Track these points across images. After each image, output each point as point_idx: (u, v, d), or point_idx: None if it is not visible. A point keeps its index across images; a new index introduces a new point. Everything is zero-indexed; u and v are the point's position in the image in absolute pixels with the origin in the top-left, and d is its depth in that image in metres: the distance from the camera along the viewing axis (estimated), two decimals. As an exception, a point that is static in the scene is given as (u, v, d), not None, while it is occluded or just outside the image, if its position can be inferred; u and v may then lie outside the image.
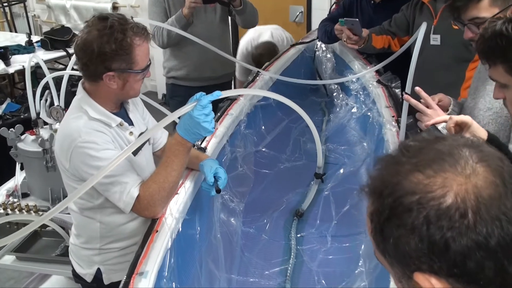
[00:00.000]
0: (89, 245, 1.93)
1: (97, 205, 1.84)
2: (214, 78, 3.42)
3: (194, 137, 1.74)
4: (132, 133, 1.86)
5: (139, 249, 1.66)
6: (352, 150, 2.86)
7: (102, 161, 1.69)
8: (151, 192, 1.74)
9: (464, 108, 2.02)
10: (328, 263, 2.10)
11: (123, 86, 1.75)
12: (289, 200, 2.49)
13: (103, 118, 1.78)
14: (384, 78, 2.82)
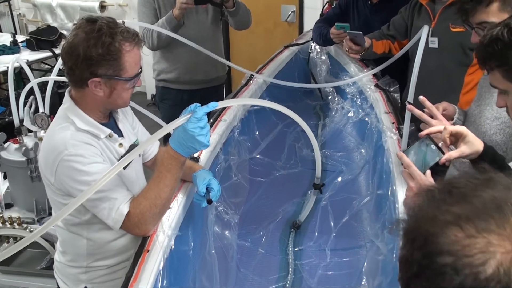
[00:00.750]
0: (75, 263, 1.82)
1: (85, 221, 1.73)
2: (206, 81, 3.31)
3: (188, 151, 1.63)
4: (121, 145, 1.76)
5: (129, 271, 1.55)
6: (349, 156, 2.77)
7: (90, 176, 1.59)
8: (142, 209, 1.64)
9: (468, 116, 1.94)
10: (328, 279, 2.00)
11: (110, 94, 1.64)
12: (286, 211, 2.40)
13: (91, 129, 1.67)
14: (382, 82, 2.74)
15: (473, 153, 1.50)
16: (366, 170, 2.57)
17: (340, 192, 2.47)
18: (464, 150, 1.50)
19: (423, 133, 1.56)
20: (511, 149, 1.70)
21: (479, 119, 1.82)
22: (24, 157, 2.32)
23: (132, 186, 1.78)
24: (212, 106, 1.62)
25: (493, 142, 1.74)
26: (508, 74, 1.26)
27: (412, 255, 0.64)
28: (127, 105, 1.76)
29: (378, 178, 2.33)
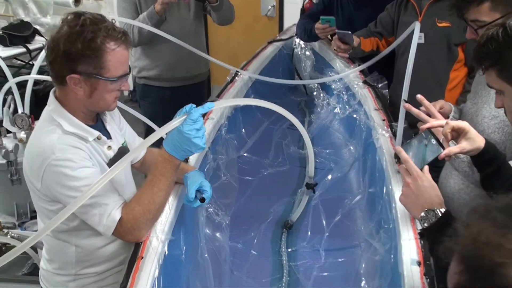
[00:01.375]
0: (63, 271, 1.75)
1: (73, 228, 1.65)
2: (188, 78, 3.24)
3: (183, 154, 1.57)
4: (110, 148, 1.69)
5: (123, 281, 1.49)
6: (338, 153, 2.74)
7: (79, 181, 1.52)
8: (135, 214, 1.57)
9: (464, 114, 1.92)
10: (324, 281, 1.97)
11: (91, 93, 1.56)
12: (276, 211, 2.35)
13: (79, 132, 1.59)
14: (370, 78, 2.71)
15: (474, 149, 1.49)
16: (356, 168, 2.54)
17: (330, 190, 2.44)
18: (465, 146, 1.48)
19: (424, 126, 1.54)
20: (509, 148, 1.69)
21: (476, 117, 1.80)
22: (4, 160, 2.22)
23: (123, 190, 1.71)
24: (208, 107, 1.56)
25: (491, 140, 1.71)
26: (503, 74, 1.25)
27: (473, 285, 0.60)
28: (111, 108, 1.67)
29: (369, 176, 2.30)
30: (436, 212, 1.30)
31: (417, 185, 1.35)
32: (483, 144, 1.49)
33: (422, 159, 1.45)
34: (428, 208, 1.31)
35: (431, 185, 1.35)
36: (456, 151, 1.48)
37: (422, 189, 1.34)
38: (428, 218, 1.31)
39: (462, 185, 1.82)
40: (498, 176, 1.50)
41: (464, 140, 1.48)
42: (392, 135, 2.19)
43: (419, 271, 1.48)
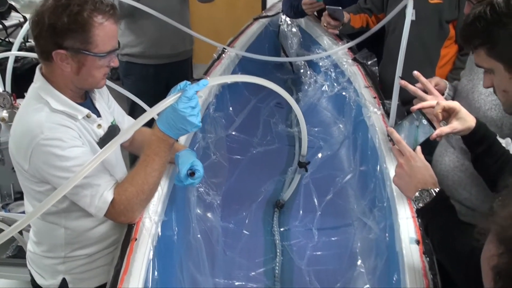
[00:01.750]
0: (52, 253, 1.69)
1: (62, 209, 1.60)
2: (173, 55, 3.17)
3: (178, 133, 1.52)
4: (100, 126, 1.62)
5: (118, 263, 1.45)
6: (327, 132, 2.71)
7: (69, 161, 1.46)
8: (128, 195, 1.52)
9: (459, 91, 1.90)
10: (318, 260, 1.95)
11: (78, 70, 1.49)
12: (267, 190, 2.33)
13: (67, 110, 1.52)
14: (360, 55, 2.67)
15: (465, 129, 1.48)
16: (346, 146, 2.52)
17: (321, 169, 2.41)
18: (456, 126, 1.47)
19: (415, 107, 1.51)
20: (506, 125, 1.67)
21: (472, 94, 1.78)
22: (-15, 140, 2.14)
23: (113, 169, 1.65)
24: (203, 85, 1.50)
25: (487, 117, 1.71)
26: (492, 52, 1.23)
27: None
28: (100, 85, 1.61)
29: (360, 154, 2.28)
30: (430, 192, 1.29)
31: (410, 166, 1.33)
32: (474, 124, 1.48)
33: (414, 140, 1.43)
34: (422, 188, 1.30)
35: (424, 165, 1.33)
36: (448, 131, 1.46)
37: (416, 169, 1.32)
38: (422, 198, 1.29)
39: (457, 162, 1.81)
40: (489, 155, 1.49)
41: (455, 120, 1.47)
42: (384, 113, 2.16)
43: (418, 249, 1.47)
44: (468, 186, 1.79)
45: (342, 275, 1.82)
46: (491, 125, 1.70)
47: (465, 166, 1.78)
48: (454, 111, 1.48)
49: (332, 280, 1.84)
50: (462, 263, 1.17)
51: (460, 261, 1.19)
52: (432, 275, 1.38)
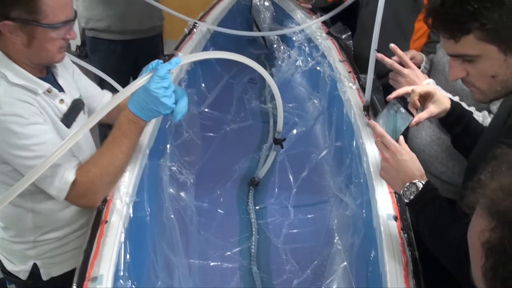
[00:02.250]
0: (21, 238, 1.63)
1: (27, 191, 1.51)
2: (141, 31, 3.06)
3: (150, 115, 1.44)
4: (63, 101, 1.54)
5: (87, 247, 1.39)
6: (301, 107, 2.67)
7: (29, 139, 1.38)
8: (91, 177, 1.45)
9: (435, 64, 1.88)
10: (295, 238, 1.92)
11: (29, 43, 1.39)
12: (242, 167, 2.28)
13: (26, 84, 1.43)
14: (334, 29, 2.62)
15: (441, 111, 1.46)
16: (321, 122, 2.49)
17: (296, 145, 2.37)
18: (433, 110, 1.45)
19: (391, 96, 1.48)
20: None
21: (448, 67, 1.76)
22: None
23: (80, 150, 1.58)
24: (175, 63, 1.42)
25: (464, 90, 1.69)
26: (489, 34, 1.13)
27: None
28: (57, 59, 1.51)
29: (335, 129, 2.25)
30: (417, 185, 1.26)
31: (397, 160, 1.29)
32: (449, 105, 1.47)
33: (393, 129, 1.39)
34: (409, 181, 1.27)
35: (410, 158, 1.30)
36: (426, 116, 1.45)
37: (402, 163, 1.29)
38: (410, 192, 1.26)
39: (433, 136, 1.80)
40: (467, 134, 1.49)
41: (431, 103, 1.46)
42: (360, 87, 2.13)
43: (396, 226, 1.45)
44: (444, 160, 1.79)
45: (319, 253, 1.80)
46: (468, 98, 1.69)
47: (442, 140, 1.76)
48: (430, 94, 1.46)
49: (309, 258, 1.82)
50: (454, 250, 1.15)
51: (451, 248, 1.17)
52: (410, 251, 1.36)
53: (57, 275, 1.68)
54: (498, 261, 0.57)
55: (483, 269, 0.60)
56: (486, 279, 0.60)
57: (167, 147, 2.05)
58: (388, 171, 1.31)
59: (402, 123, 1.39)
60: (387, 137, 1.32)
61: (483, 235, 0.60)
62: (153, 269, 1.64)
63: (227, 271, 1.79)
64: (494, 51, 1.15)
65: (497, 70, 1.16)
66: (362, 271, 1.55)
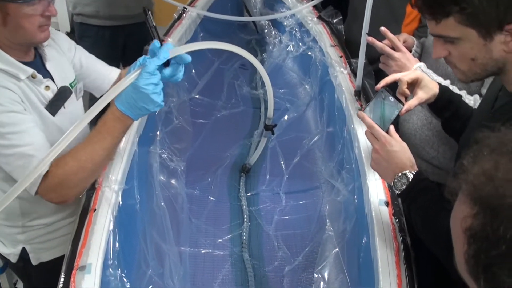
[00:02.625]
0: (10, 222, 1.60)
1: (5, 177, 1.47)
2: (129, 17, 3.01)
3: (138, 113, 1.36)
4: (48, 88, 1.49)
5: (75, 236, 1.37)
6: (293, 93, 2.65)
7: (5, 127, 1.32)
8: (66, 170, 1.37)
9: (426, 47, 1.86)
10: (286, 224, 1.91)
11: (4, 21, 1.34)
12: (233, 154, 2.26)
13: (7, 68, 1.38)
14: (325, 13, 2.60)
15: (430, 97, 1.44)
16: (312, 107, 2.47)
17: (288, 131, 2.35)
18: (422, 96, 1.43)
19: (379, 86, 1.44)
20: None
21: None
22: None
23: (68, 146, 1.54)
24: (164, 57, 1.32)
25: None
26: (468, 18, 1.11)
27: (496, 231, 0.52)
28: (38, 38, 1.43)
29: (327, 115, 2.24)
30: (408, 176, 1.24)
31: (387, 151, 1.27)
32: (438, 89, 1.45)
33: (381, 118, 1.37)
34: (400, 172, 1.25)
35: (401, 148, 1.28)
36: (415, 103, 1.42)
37: (393, 154, 1.27)
38: (401, 182, 1.25)
39: (425, 121, 1.78)
40: (457, 118, 1.47)
41: (420, 89, 1.43)
42: (351, 72, 2.11)
43: (387, 211, 1.44)
44: (435, 145, 1.77)
45: (311, 239, 1.80)
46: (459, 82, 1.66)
47: (433, 125, 1.75)
48: (418, 80, 1.43)
49: (300, 244, 1.81)
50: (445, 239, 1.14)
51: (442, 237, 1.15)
52: (402, 237, 1.35)
53: (46, 260, 1.66)
54: (481, 248, 0.56)
55: (466, 255, 0.59)
56: (469, 266, 0.60)
57: (157, 134, 2.03)
58: (379, 162, 1.30)
59: (391, 112, 1.37)
60: (376, 128, 1.30)
61: (465, 222, 0.59)
62: (143, 257, 1.63)
63: (218, 259, 1.78)
64: (474, 35, 1.13)
65: (476, 53, 1.15)
66: (353, 257, 1.54)
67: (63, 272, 1.27)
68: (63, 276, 1.25)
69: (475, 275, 0.58)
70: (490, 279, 0.56)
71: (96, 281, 1.25)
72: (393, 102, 1.37)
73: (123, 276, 1.39)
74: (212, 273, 1.74)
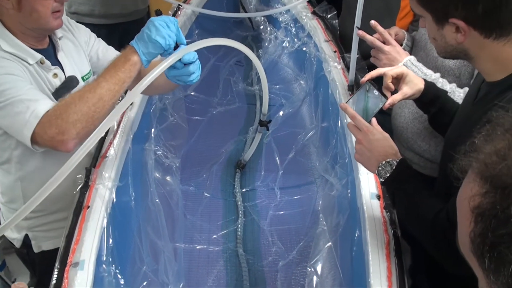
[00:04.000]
0: (13, 204, 1.62)
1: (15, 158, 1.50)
2: (124, 15, 3.02)
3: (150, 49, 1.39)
4: (56, 75, 1.50)
5: (69, 232, 1.38)
6: (288, 89, 2.66)
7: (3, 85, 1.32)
8: (66, 101, 1.33)
9: (417, 41, 1.87)
10: (281, 220, 1.92)
11: (19, 5, 1.36)
12: (228, 150, 2.27)
13: (17, 52, 1.40)
14: (319, 9, 2.60)
15: (415, 92, 1.45)
16: (307, 102, 2.48)
17: (282, 127, 2.36)
18: (407, 91, 1.44)
19: (364, 79, 1.46)
20: (464, 74, 1.66)
21: (430, 44, 1.75)
22: None
23: None
24: None
25: (445, 67, 1.68)
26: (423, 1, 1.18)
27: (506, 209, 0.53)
28: (52, 24, 1.44)
29: (322, 110, 2.24)
30: (391, 163, 1.25)
31: (369, 140, 1.28)
32: (423, 85, 1.46)
33: (364, 110, 1.38)
34: (383, 160, 1.26)
35: (383, 137, 1.29)
36: (399, 98, 1.43)
37: (375, 143, 1.27)
38: (384, 171, 1.25)
39: (416, 114, 1.79)
40: (444, 113, 1.48)
41: (404, 85, 1.44)
42: (345, 67, 2.11)
43: (379, 204, 1.44)
44: (427, 138, 1.78)
45: (305, 234, 1.81)
46: (450, 75, 1.68)
47: (424, 118, 1.76)
48: (403, 75, 1.44)
49: (295, 239, 1.82)
50: (428, 226, 1.15)
51: (426, 224, 1.17)
52: (392, 229, 1.36)
53: (47, 249, 1.68)
54: (488, 226, 0.57)
55: (471, 234, 0.59)
56: (474, 245, 0.60)
57: (151, 131, 2.04)
58: (362, 153, 1.30)
59: (374, 105, 1.37)
60: (358, 118, 1.31)
61: (473, 200, 0.59)
62: (138, 254, 1.64)
63: (213, 254, 1.79)
64: (429, 17, 1.18)
65: (435, 34, 1.20)
66: (346, 251, 1.55)
67: (56, 268, 1.28)
68: (56, 273, 1.26)
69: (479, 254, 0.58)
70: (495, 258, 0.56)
71: (89, 277, 1.26)
72: (377, 96, 1.38)
73: (117, 272, 1.40)
74: (207, 268, 1.75)
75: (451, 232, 1.08)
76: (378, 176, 1.28)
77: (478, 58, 1.16)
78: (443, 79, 1.61)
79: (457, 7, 1.09)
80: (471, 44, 1.13)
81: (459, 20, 1.10)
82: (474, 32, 1.11)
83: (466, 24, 1.10)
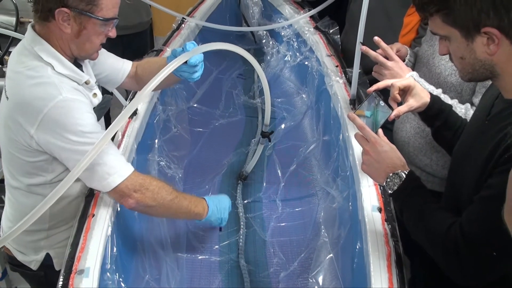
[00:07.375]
0: (35, 226, 1.56)
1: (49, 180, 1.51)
2: (128, 27, 3.07)
3: None
4: (96, 95, 1.54)
5: (74, 240, 1.40)
6: (290, 102, 2.68)
7: (86, 126, 1.38)
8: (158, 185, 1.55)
9: (420, 57, 1.89)
10: (282, 231, 1.93)
11: (79, 32, 1.40)
12: (230, 162, 2.29)
13: (71, 74, 1.43)
14: (321, 24, 2.64)
15: (421, 105, 1.47)
16: (309, 116, 2.50)
17: (284, 139, 2.39)
18: (412, 103, 1.46)
19: (371, 89, 1.48)
20: (466, 90, 1.68)
21: (432, 59, 1.78)
22: None
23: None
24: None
25: (448, 83, 1.71)
26: (448, 18, 1.16)
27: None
28: (94, 56, 1.51)
29: (323, 123, 2.27)
30: (400, 175, 1.26)
31: (377, 151, 1.30)
32: (429, 98, 1.47)
33: (373, 123, 1.40)
34: (391, 172, 1.28)
35: (390, 148, 1.30)
36: (405, 110, 1.45)
37: (383, 154, 1.29)
38: (393, 182, 1.27)
39: (418, 129, 1.81)
40: (447, 127, 1.50)
41: (411, 97, 1.46)
42: (346, 81, 2.14)
43: (380, 217, 1.46)
44: (428, 152, 1.80)
45: (306, 245, 1.82)
46: (451, 91, 1.71)
47: (426, 132, 1.78)
48: (409, 88, 1.46)
49: (296, 250, 1.83)
50: (439, 238, 1.16)
51: (436, 237, 1.17)
52: (394, 241, 1.38)
53: None
54: None
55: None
56: None
57: (155, 142, 2.07)
58: (370, 164, 1.32)
59: (381, 116, 1.40)
60: (366, 129, 1.33)
61: None
62: (141, 263, 1.66)
63: (215, 265, 1.80)
64: (457, 34, 1.16)
65: (463, 53, 1.17)
66: (348, 263, 1.57)
67: (61, 276, 1.29)
68: (61, 280, 1.28)
69: None
70: None
71: (94, 285, 1.28)
72: (383, 107, 1.40)
73: (120, 281, 1.42)
74: (208, 278, 1.76)
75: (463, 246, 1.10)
76: (386, 188, 1.29)
77: (504, 74, 1.15)
78: (445, 95, 1.64)
79: (488, 15, 1.08)
80: (501, 56, 1.12)
81: (492, 28, 1.09)
82: (506, 41, 1.10)
83: (500, 32, 1.09)
